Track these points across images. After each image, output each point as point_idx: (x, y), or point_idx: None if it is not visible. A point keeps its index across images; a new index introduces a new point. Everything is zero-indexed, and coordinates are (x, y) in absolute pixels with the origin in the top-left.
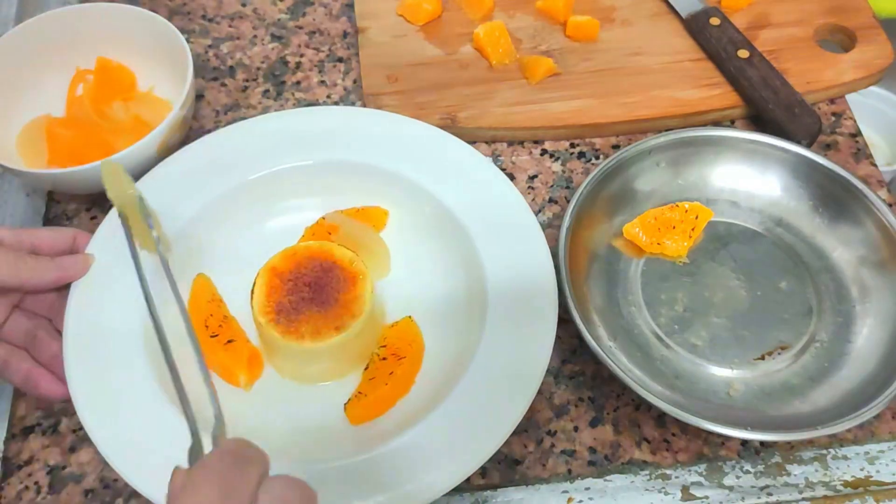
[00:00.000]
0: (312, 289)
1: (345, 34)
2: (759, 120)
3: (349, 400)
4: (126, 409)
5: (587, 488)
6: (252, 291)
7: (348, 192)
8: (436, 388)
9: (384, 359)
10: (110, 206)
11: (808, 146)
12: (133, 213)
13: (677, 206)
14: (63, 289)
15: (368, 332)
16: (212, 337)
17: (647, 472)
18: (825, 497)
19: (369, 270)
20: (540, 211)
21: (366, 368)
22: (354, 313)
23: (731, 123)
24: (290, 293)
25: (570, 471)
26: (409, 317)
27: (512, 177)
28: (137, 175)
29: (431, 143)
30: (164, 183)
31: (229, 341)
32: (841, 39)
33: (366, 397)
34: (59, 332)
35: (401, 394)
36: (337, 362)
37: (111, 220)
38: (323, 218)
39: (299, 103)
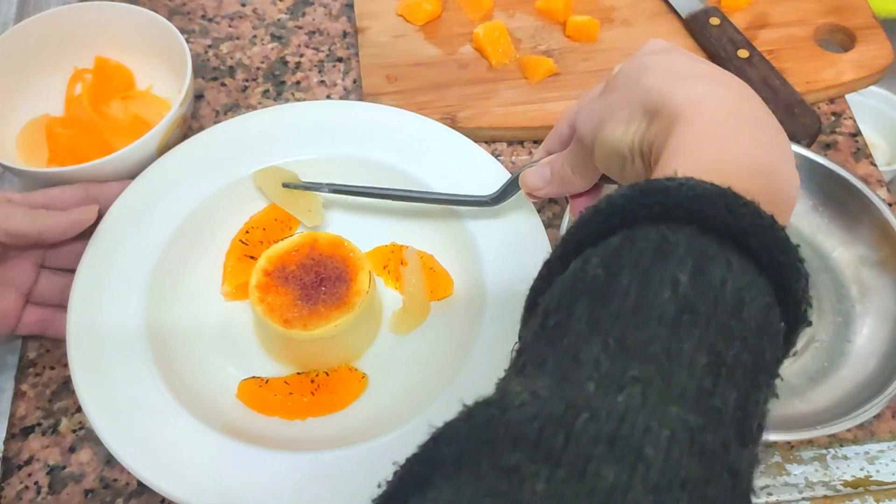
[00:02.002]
0: (316, 279)
1: (344, 34)
2: None
3: (250, 378)
4: (131, 404)
5: None
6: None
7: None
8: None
9: (312, 381)
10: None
11: (808, 146)
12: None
13: None
14: (85, 237)
15: (318, 353)
16: (240, 241)
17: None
18: (825, 497)
19: (395, 321)
20: (540, 210)
21: (298, 373)
22: (308, 326)
23: None
24: (300, 265)
25: None
26: (365, 377)
27: None
28: (136, 173)
29: (436, 139)
30: (181, 162)
31: (250, 257)
32: (841, 39)
33: (259, 388)
34: None
35: (281, 414)
36: (274, 347)
37: (110, 217)
38: (407, 247)
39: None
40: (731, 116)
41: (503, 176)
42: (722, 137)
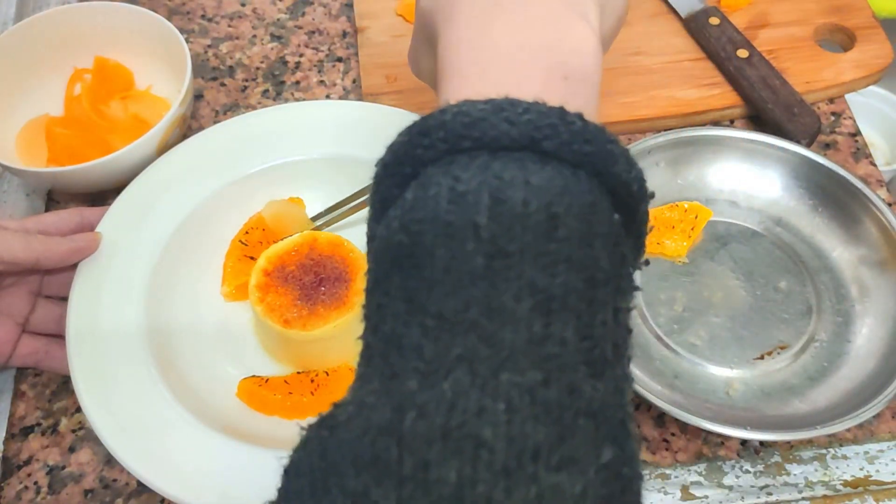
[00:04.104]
0: (315, 279)
1: (344, 34)
2: (758, 119)
3: (250, 377)
4: (131, 403)
5: None
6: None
7: (346, 185)
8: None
9: (312, 381)
10: (108, 204)
11: (808, 146)
12: None
13: (676, 205)
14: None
15: (318, 353)
16: (240, 242)
17: (647, 471)
18: (825, 497)
19: None
20: None
21: (299, 372)
22: (308, 327)
23: (731, 123)
24: (300, 265)
25: None
26: None
27: None
28: (136, 173)
29: None
30: (177, 166)
31: (250, 258)
32: (840, 39)
33: (258, 388)
34: None
35: (281, 413)
36: (273, 347)
37: (110, 217)
38: None
39: None
40: (492, 4)
41: None
42: (484, 38)
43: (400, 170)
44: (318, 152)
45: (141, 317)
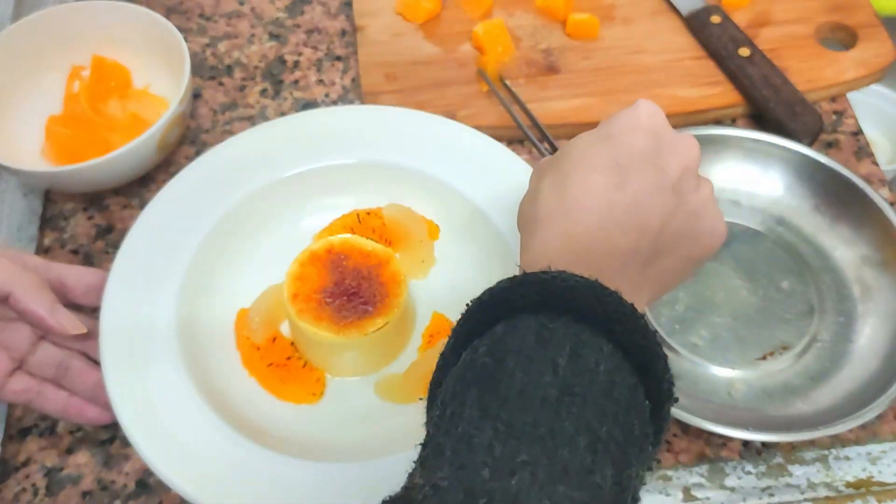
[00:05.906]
0: (355, 288)
1: (343, 33)
2: (760, 118)
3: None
4: (164, 409)
5: None
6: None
7: (381, 192)
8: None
9: (288, 358)
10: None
11: (810, 145)
12: None
13: None
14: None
15: (319, 352)
16: (357, 216)
17: (648, 473)
18: (827, 498)
19: (386, 385)
20: None
21: (304, 365)
22: (301, 314)
23: (732, 122)
24: (354, 268)
25: None
26: (319, 395)
27: None
28: (135, 172)
29: (463, 141)
30: (204, 176)
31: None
32: (842, 37)
33: (255, 350)
34: (96, 363)
35: (257, 377)
36: (291, 326)
37: (146, 217)
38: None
39: (297, 102)
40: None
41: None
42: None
43: (493, 309)
44: (354, 157)
45: (174, 318)
